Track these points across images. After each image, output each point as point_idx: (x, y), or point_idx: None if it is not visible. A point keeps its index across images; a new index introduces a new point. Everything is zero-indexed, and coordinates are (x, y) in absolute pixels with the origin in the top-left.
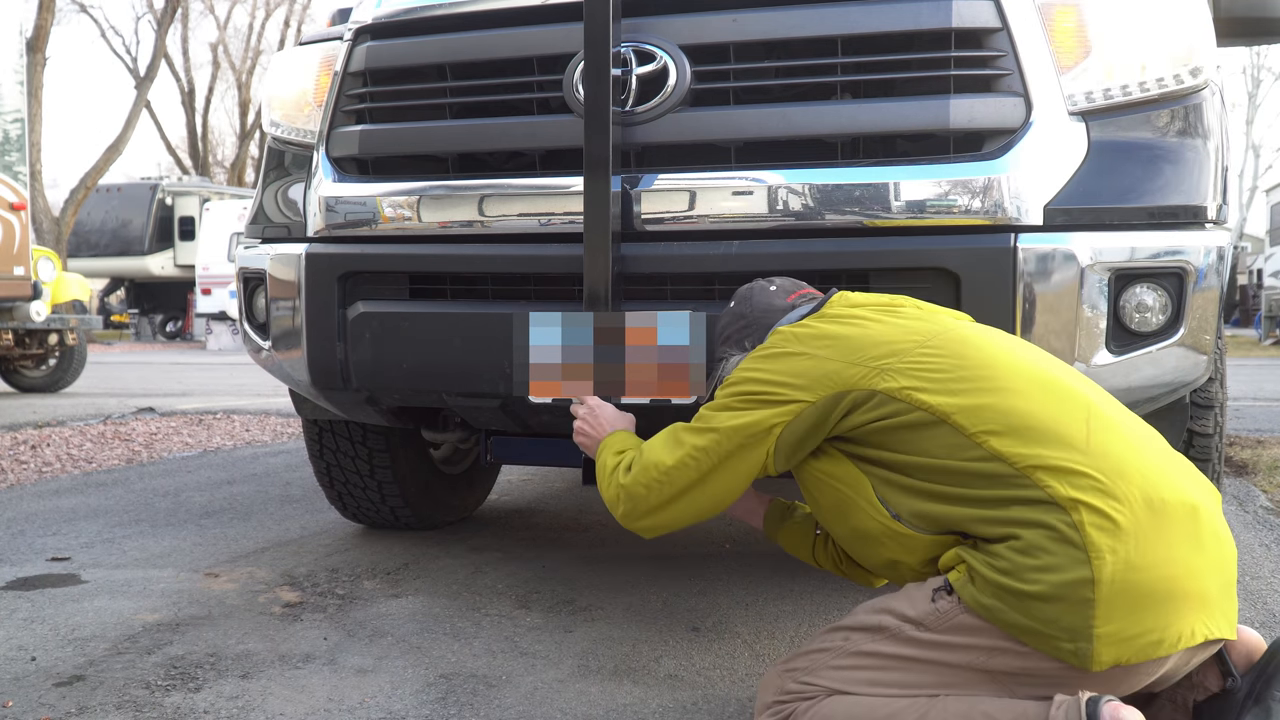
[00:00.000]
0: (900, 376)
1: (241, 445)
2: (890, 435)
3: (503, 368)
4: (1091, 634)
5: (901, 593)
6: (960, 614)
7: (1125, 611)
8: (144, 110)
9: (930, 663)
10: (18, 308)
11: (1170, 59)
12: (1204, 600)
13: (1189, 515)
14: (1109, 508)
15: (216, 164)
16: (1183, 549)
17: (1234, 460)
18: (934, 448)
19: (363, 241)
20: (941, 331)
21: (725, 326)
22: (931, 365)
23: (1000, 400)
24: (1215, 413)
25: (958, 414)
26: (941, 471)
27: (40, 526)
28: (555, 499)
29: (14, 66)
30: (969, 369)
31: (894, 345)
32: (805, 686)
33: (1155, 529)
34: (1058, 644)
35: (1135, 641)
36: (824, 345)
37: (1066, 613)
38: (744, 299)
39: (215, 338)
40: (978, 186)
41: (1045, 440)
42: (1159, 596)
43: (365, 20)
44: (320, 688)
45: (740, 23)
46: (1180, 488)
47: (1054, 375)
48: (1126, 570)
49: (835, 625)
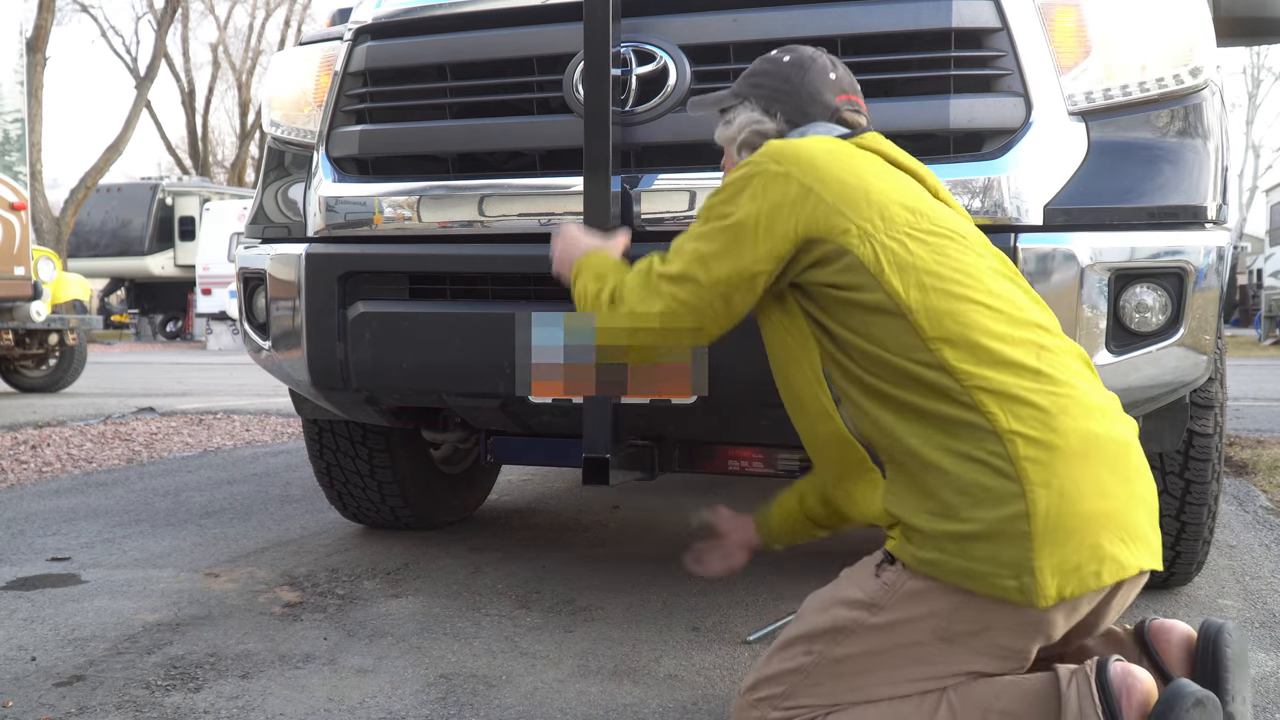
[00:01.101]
0: (879, 247)
1: (241, 445)
2: (849, 312)
3: (503, 368)
4: (1033, 567)
5: (843, 578)
6: (907, 580)
7: (1063, 543)
8: (144, 110)
9: (899, 647)
10: (18, 308)
11: (1170, 59)
12: (1136, 533)
13: (1120, 451)
14: (1047, 439)
15: (216, 164)
16: (1113, 482)
17: (1234, 460)
18: (887, 339)
19: (363, 241)
20: (940, 219)
21: (764, 74)
22: (913, 249)
23: (965, 312)
24: (1215, 413)
25: (920, 312)
26: (888, 368)
27: (40, 526)
28: (555, 499)
29: (14, 66)
30: (946, 269)
31: (889, 210)
32: (792, 712)
33: (1087, 462)
34: (1002, 583)
35: (1077, 572)
36: (824, 180)
37: (1005, 548)
38: (800, 66)
39: (215, 338)
40: (977, 186)
41: (997, 364)
42: (1093, 527)
43: (365, 20)
44: (320, 688)
45: (740, 23)
46: (1111, 423)
47: (1021, 303)
48: (1061, 501)
49: (789, 637)
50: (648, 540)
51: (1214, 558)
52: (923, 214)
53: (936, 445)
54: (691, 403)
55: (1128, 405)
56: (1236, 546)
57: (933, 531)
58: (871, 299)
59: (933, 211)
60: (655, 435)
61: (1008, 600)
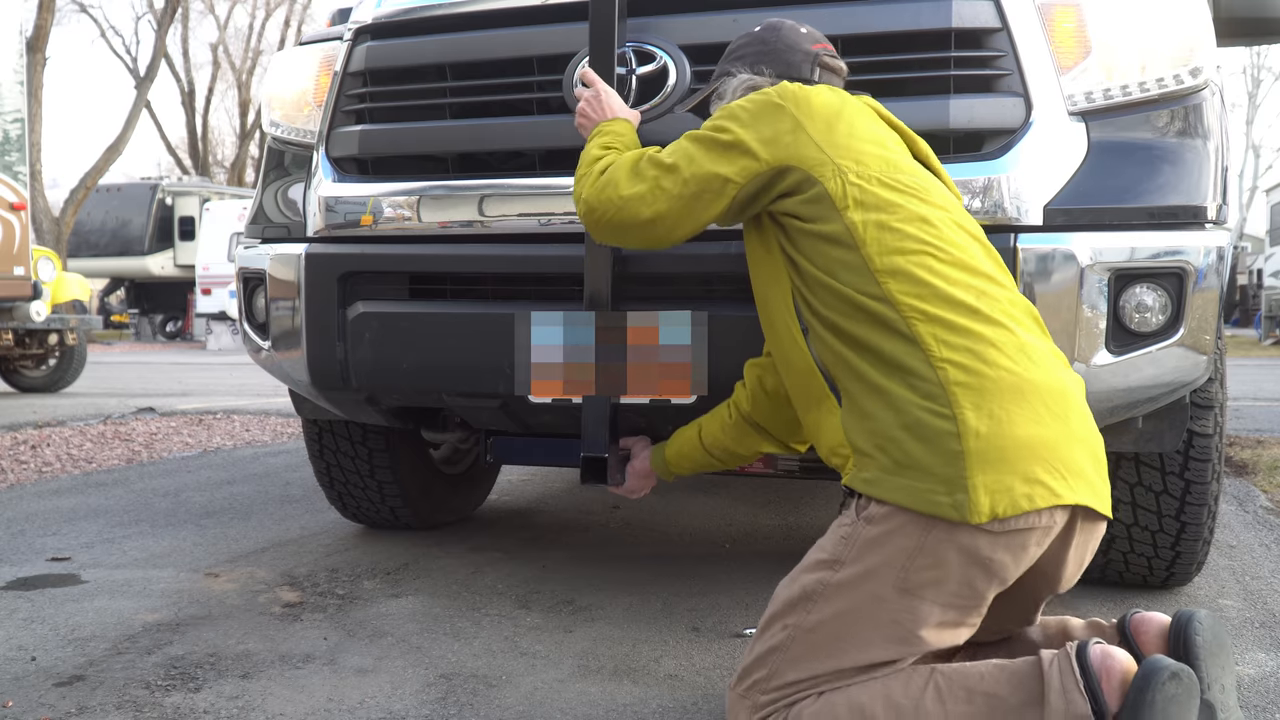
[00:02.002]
0: (847, 184)
1: (241, 445)
2: (811, 243)
3: (503, 368)
4: (965, 483)
5: (811, 549)
6: (862, 529)
7: (996, 463)
8: (144, 110)
9: (864, 605)
10: (18, 308)
11: (1170, 59)
12: (1074, 469)
13: (1058, 395)
14: (977, 368)
15: (216, 164)
16: (1048, 418)
17: (1234, 460)
18: (840, 271)
19: (363, 241)
20: (914, 176)
21: (742, 46)
22: (879, 193)
23: (915, 251)
24: (1215, 413)
25: (872, 245)
26: (840, 299)
27: (40, 526)
28: (555, 499)
29: (14, 66)
30: (906, 214)
31: (866, 157)
32: (779, 693)
33: (1021, 396)
34: (937, 499)
35: (1009, 493)
36: (814, 119)
37: (939, 464)
38: (772, 29)
39: (215, 338)
40: (977, 186)
41: (937, 299)
42: (1026, 454)
43: (365, 20)
44: (320, 688)
45: (740, 23)
46: (1049, 370)
47: (976, 255)
48: (991, 423)
49: (766, 619)
50: (648, 540)
51: (1214, 558)
52: (899, 167)
53: (880, 373)
54: (691, 403)
55: (1128, 405)
56: (1236, 546)
57: (875, 454)
58: (830, 229)
59: (910, 167)
60: (655, 435)
61: (943, 518)
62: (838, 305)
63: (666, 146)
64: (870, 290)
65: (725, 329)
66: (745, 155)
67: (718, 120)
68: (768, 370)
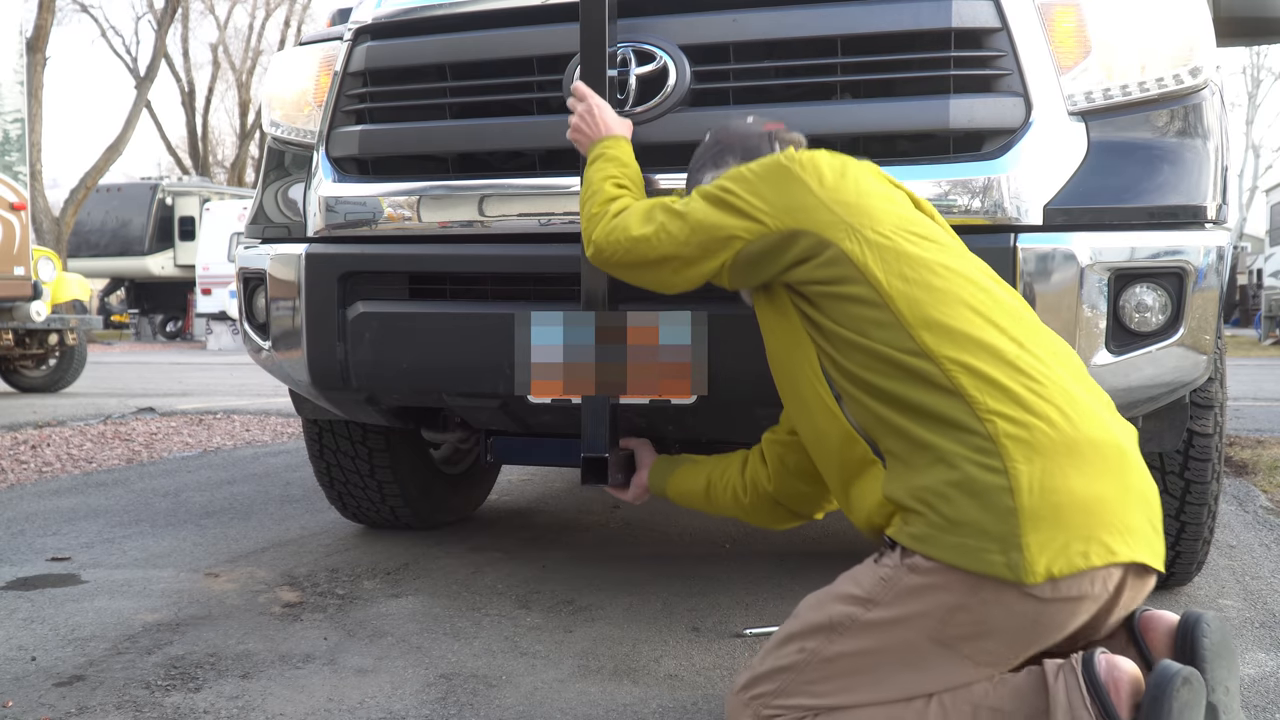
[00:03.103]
0: (863, 242)
1: (241, 445)
2: (836, 305)
3: (503, 368)
4: (1020, 542)
5: (842, 578)
6: (905, 575)
7: (1050, 522)
8: (144, 110)
9: (893, 648)
10: (18, 308)
11: (1170, 59)
12: (1131, 526)
13: (1113, 449)
14: (1026, 420)
15: (216, 164)
16: (1105, 477)
17: (1234, 460)
18: (872, 330)
19: (363, 241)
20: (924, 226)
21: (699, 156)
22: (897, 246)
23: (945, 302)
24: (1215, 413)
25: (900, 300)
26: (875, 357)
27: (40, 526)
28: (555, 499)
29: (14, 66)
30: (928, 265)
31: (876, 211)
32: (785, 713)
33: (1074, 453)
34: (990, 558)
35: (1065, 551)
36: (821, 180)
37: (992, 521)
38: (720, 130)
39: (215, 338)
40: (977, 186)
41: (976, 350)
42: (1082, 512)
43: (365, 20)
44: (320, 688)
45: (740, 23)
46: (1103, 424)
47: (1003, 300)
48: (1044, 478)
49: (784, 635)
50: (648, 540)
51: (1214, 558)
52: (911, 220)
53: (925, 430)
54: (691, 403)
55: (1128, 405)
56: (1236, 546)
57: (923, 509)
58: (856, 291)
59: (920, 219)
60: (655, 435)
61: (995, 577)
62: (873, 364)
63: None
64: (906, 345)
65: (725, 329)
66: (750, 219)
67: (725, 181)
68: (790, 448)
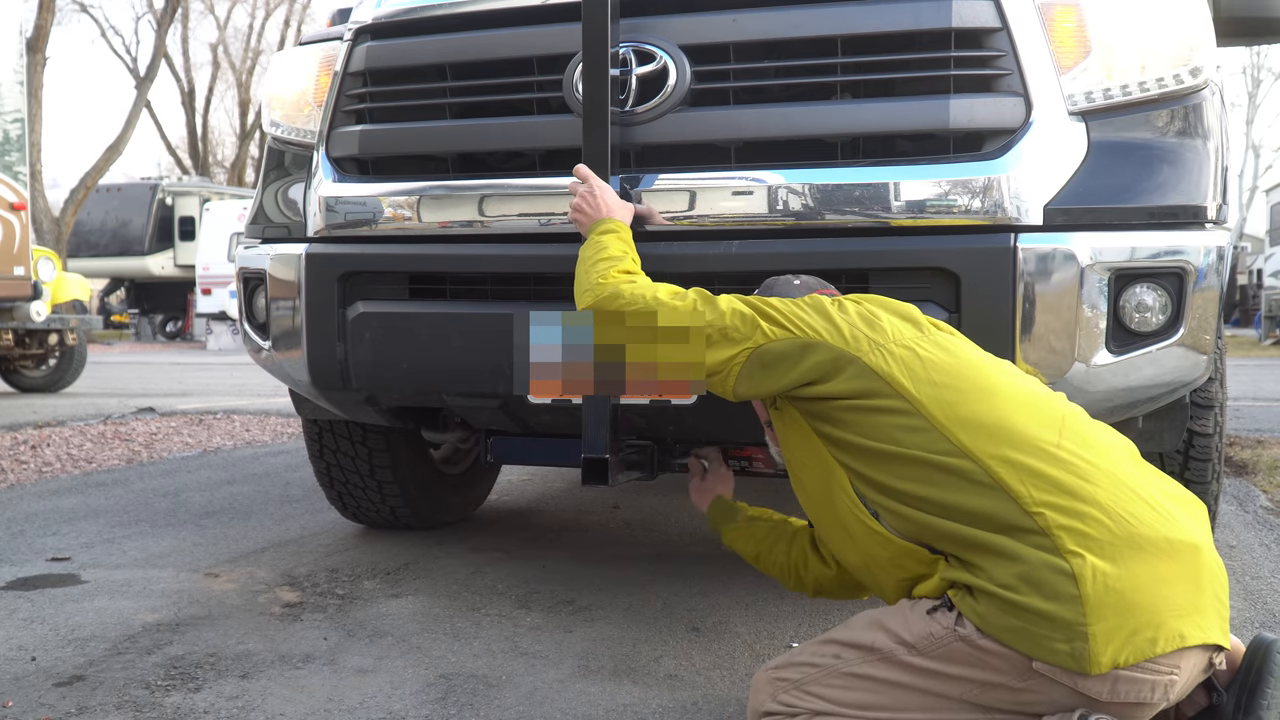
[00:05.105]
0: (889, 358)
1: (241, 445)
2: (864, 419)
3: (503, 368)
4: (1085, 631)
5: (897, 609)
6: (954, 641)
7: (1115, 610)
8: (144, 110)
9: (921, 691)
10: (18, 308)
11: (1170, 59)
12: (1199, 606)
13: (1190, 554)
14: (1078, 509)
15: (216, 164)
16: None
17: (1234, 460)
18: (904, 437)
19: (363, 241)
20: (941, 336)
21: None
22: (920, 354)
23: (976, 400)
24: (1215, 413)
25: (931, 404)
26: (910, 463)
27: (40, 526)
28: (555, 499)
29: (14, 66)
30: (954, 368)
31: (893, 334)
32: (794, 702)
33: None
34: (1053, 645)
35: (1132, 640)
36: (840, 307)
37: (1058, 610)
38: (767, 288)
39: (215, 338)
40: (978, 186)
41: (1013, 443)
42: (1148, 599)
43: (365, 20)
44: (320, 688)
45: (740, 23)
46: (1181, 525)
47: (1031, 389)
48: (1108, 566)
49: (829, 637)
50: (648, 540)
51: None
52: (925, 328)
53: (975, 527)
54: (691, 403)
55: (1128, 405)
56: (1236, 546)
57: (988, 592)
58: (884, 403)
59: (934, 329)
60: (655, 435)
61: (1058, 665)
62: (910, 472)
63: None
64: (942, 447)
65: None
66: (777, 324)
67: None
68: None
